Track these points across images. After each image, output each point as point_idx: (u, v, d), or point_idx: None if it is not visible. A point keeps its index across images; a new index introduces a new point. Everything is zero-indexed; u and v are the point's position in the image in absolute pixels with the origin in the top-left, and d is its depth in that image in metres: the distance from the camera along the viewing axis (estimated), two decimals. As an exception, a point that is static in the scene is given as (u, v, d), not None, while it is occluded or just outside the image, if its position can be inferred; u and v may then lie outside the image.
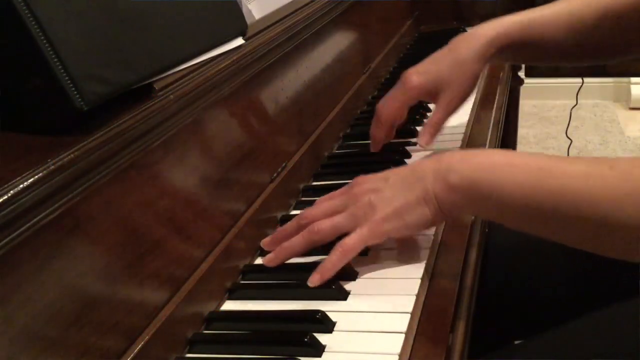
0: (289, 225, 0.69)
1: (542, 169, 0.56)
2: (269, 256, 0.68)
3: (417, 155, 0.89)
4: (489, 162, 0.59)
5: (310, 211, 0.67)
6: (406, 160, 0.88)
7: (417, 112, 1.04)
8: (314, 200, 0.83)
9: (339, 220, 0.64)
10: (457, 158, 0.61)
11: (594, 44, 0.83)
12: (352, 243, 0.62)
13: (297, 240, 0.66)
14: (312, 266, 0.68)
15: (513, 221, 0.60)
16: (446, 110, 0.84)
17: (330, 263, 0.63)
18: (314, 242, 0.65)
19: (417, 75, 0.84)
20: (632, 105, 2.95)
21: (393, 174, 0.65)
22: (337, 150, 0.98)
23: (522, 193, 0.56)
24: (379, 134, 0.88)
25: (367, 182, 0.65)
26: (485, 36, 0.84)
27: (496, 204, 0.58)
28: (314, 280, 0.63)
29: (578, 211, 0.53)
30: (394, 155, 0.89)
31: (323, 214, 0.66)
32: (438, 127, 0.84)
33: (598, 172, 0.53)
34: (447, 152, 0.63)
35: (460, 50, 0.84)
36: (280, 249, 0.67)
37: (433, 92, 0.84)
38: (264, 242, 0.71)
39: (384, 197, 0.63)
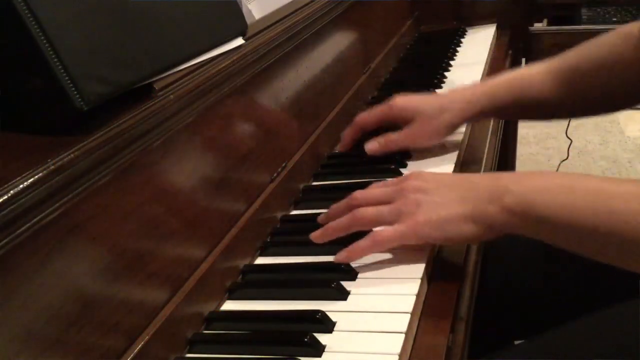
0: (341, 203, 0.70)
1: (600, 191, 0.56)
2: (316, 233, 0.69)
3: (415, 160, 0.89)
4: (546, 184, 0.59)
5: (361, 194, 0.68)
6: (406, 160, 0.88)
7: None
8: (314, 200, 0.84)
9: (382, 211, 0.65)
10: (514, 179, 0.61)
11: (592, 98, 0.84)
12: (386, 235, 0.63)
13: (341, 222, 0.67)
14: (312, 266, 0.68)
15: (569, 244, 0.59)
16: (406, 137, 0.86)
17: (360, 248, 0.64)
18: (356, 226, 0.67)
19: (402, 98, 0.87)
20: (632, 105, 2.95)
21: (448, 180, 0.65)
22: (337, 150, 0.98)
23: (579, 216, 0.56)
24: (348, 135, 0.92)
25: (419, 179, 0.65)
26: (472, 97, 0.86)
27: (552, 226, 0.58)
28: (340, 257, 0.65)
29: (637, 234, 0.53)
30: (394, 154, 0.88)
31: (371, 200, 0.67)
32: (390, 145, 0.87)
33: None
34: (504, 173, 0.63)
35: (447, 98, 0.86)
36: (326, 228, 0.68)
37: (408, 119, 0.86)
38: (320, 218, 0.72)
39: (432, 201, 0.63)
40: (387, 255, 0.67)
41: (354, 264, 0.66)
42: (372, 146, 0.87)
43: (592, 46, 0.82)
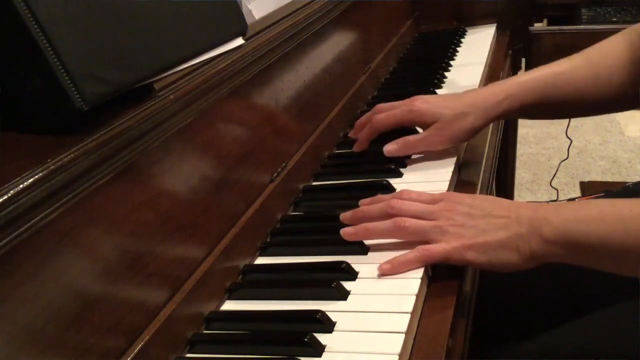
0: (374, 207, 0.70)
1: (633, 215, 0.58)
2: (348, 229, 0.69)
3: (415, 159, 0.89)
4: (582, 214, 0.61)
5: (400, 204, 0.68)
6: (405, 160, 0.88)
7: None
8: (314, 200, 0.84)
9: (426, 226, 0.65)
10: (551, 210, 0.62)
11: (621, 94, 0.85)
12: (435, 251, 0.63)
13: (381, 226, 0.67)
14: (312, 266, 0.68)
15: (608, 266, 0.61)
16: (425, 141, 0.86)
17: (407, 260, 0.64)
18: (396, 235, 0.67)
19: (423, 102, 0.86)
20: (632, 105, 2.95)
21: (488, 205, 0.66)
22: (337, 150, 0.98)
23: (615, 243, 0.58)
24: (366, 137, 0.91)
25: (462, 204, 0.66)
26: (495, 99, 0.85)
27: (590, 253, 0.60)
28: (384, 268, 0.64)
29: None
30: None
31: (409, 213, 0.67)
32: (409, 148, 0.87)
33: None
34: (542, 204, 0.65)
35: (468, 101, 0.85)
36: (362, 228, 0.69)
37: (428, 123, 0.86)
38: (344, 216, 0.72)
39: (477, 226, 0.64)
40: (387, 256, 0.67)
41: (353, 264, 0.66)
42: (390, 148, 0.87)
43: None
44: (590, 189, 2.18)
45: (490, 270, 0.66)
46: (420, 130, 0.88)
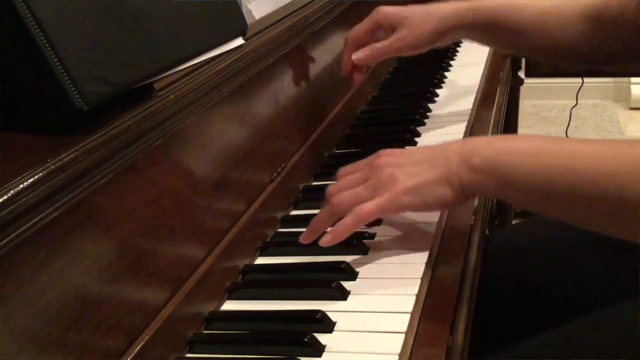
0: (322, 204, 0.70)
1: (561, 150, 0.57)
2: (302, 235, 0.69)
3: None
4: (511, 146, 0.61)
5: (334, 186, 0.68)
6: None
7: (417, 112, 1.04)
8: (314, 200, 0.84)
9: (359, 191, 0.65)
10: (482, 142, 0.63)
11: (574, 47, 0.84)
12: (367, 209, 0.63)
13: (321, 217, 0.67)
14: (312, 266, 0.68)
15: (535, 204, 0.61)
16: (393, 44, 0.87)
17: (344, 226, 0.64)
18: (337, 214, 0.66)
19: (387, 7, 0.88)
20: (632, 105, 2.95)
21: (417, 152, 0.66)
22: (337, 150, 0.98)
23: (542, 177, 0.57)
24: (346, 57, 0.92)
25: (390, 156, 0.66)
26: (459, 10, 0.87)
27: (517, 187, 0.60)
28: (325, 240, 0.65)
29: (600, 190, 0.54)
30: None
31: (345, 187, 0.67)
32: (378, 53, 0.88)
33: (618, 153, 0.54)
34: (473, 137, 0.64)
35: (432, 7, 0.87)
36: (309, 224, 0.68)
37: (394, 25, 0.87)
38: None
39: (406, 172, 0.64)
40: (387, 255, 0.67)
41: (353, 264, 0.66)
42: (359, 55, 0.87)
43: None
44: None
45: (428, 211, 0.66)
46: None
